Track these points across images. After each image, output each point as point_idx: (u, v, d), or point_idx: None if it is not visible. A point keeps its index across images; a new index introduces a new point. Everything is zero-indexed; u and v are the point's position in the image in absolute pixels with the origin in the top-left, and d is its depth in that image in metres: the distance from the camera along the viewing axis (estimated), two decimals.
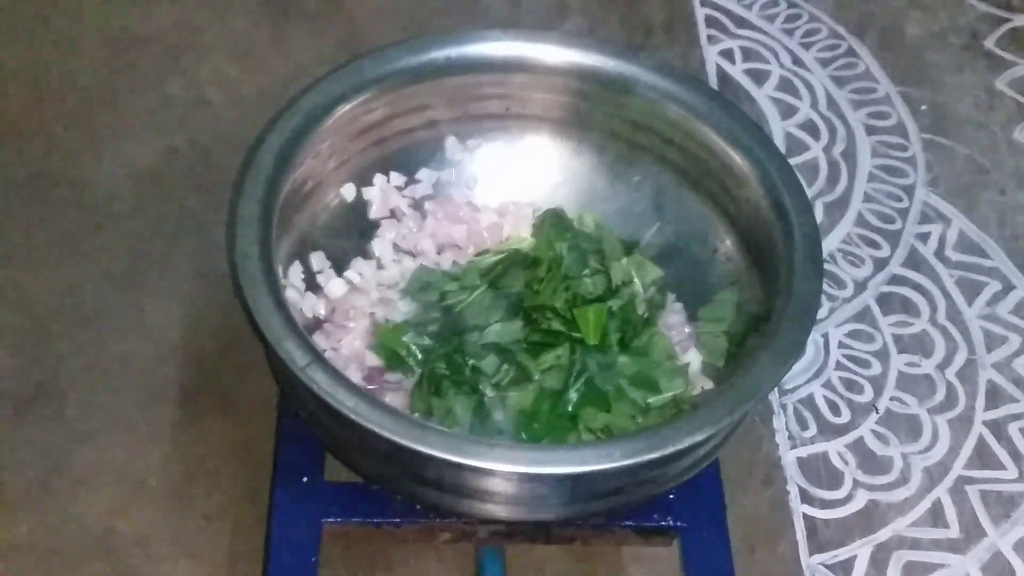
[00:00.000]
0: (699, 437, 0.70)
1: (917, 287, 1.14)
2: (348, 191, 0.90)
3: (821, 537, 0.98)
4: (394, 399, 0.81)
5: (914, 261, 1.16)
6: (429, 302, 0.85)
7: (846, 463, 1.02)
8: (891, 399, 1.06)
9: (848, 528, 0.99)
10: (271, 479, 0.79)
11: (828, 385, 1.07)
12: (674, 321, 0.87)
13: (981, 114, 1.28)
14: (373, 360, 0.84)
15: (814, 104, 1.28)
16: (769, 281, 0.79)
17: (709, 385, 0.83)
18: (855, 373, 1.08)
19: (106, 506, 0.95)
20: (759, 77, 1.29)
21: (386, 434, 0.67)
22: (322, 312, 0.88)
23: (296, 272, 0.87)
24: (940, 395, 1.07)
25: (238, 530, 0.94)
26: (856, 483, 1.01)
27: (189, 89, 1.21)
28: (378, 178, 0.90)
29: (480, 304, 0.83)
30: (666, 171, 0.87)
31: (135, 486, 0.96)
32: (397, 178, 0.91)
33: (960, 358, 1.09)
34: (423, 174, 0.92)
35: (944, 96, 1.29)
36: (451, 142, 0.91)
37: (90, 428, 0.98)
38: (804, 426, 1.04)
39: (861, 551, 0.98)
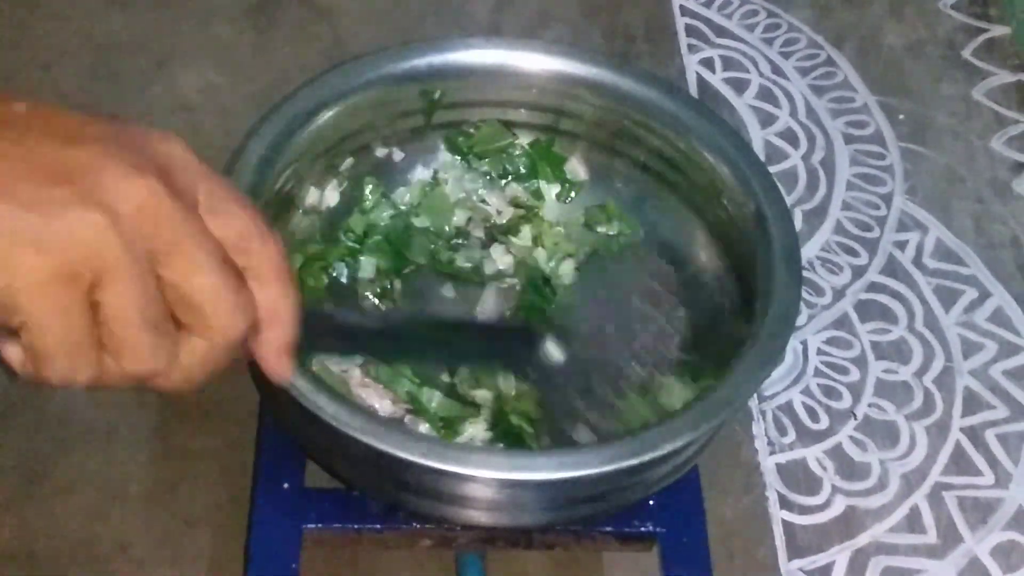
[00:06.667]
0: (678, 443, 0.70)
1: (895, 294, 1.15)
2: (331, 197, 0.90)
3: (800, 543, 0.99)
4: None
5: (892, 269, 1.17)
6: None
7: (824, 469, 1.03)
8: (869, 406, 1.07)
9: (827, 534, 1.00)
10: (252, 485, 0.79)
11: (807, 392, 1.08)
12: None
13: (958, 123, 1.29)
14: None
15: (793, 113, 1.28)
16: (748, 288, 0.80)
17: None
18: (833, 380, 1.09)
19: (88, 512, 0.95)
20: (739, 86, 1.30)
21: (366, 439, 0.67)
22: None
23: None
24: (918, 402, 1.08)
25: (219, 536, 0.94)
26: (835, 489, 1.02)
27: (172, 96, 1.21)
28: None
29: None
30: (646, 178, 0.87)
31: (116, 492, 0.96)
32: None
33: (937, 365, 1.10)
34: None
35: (922, 105, 1.30)
36: (433, 148, 0.91)
37: (71, 434, 0.98)
38: (783, 432, 1.05)
39: (839, 557, 0.99)
